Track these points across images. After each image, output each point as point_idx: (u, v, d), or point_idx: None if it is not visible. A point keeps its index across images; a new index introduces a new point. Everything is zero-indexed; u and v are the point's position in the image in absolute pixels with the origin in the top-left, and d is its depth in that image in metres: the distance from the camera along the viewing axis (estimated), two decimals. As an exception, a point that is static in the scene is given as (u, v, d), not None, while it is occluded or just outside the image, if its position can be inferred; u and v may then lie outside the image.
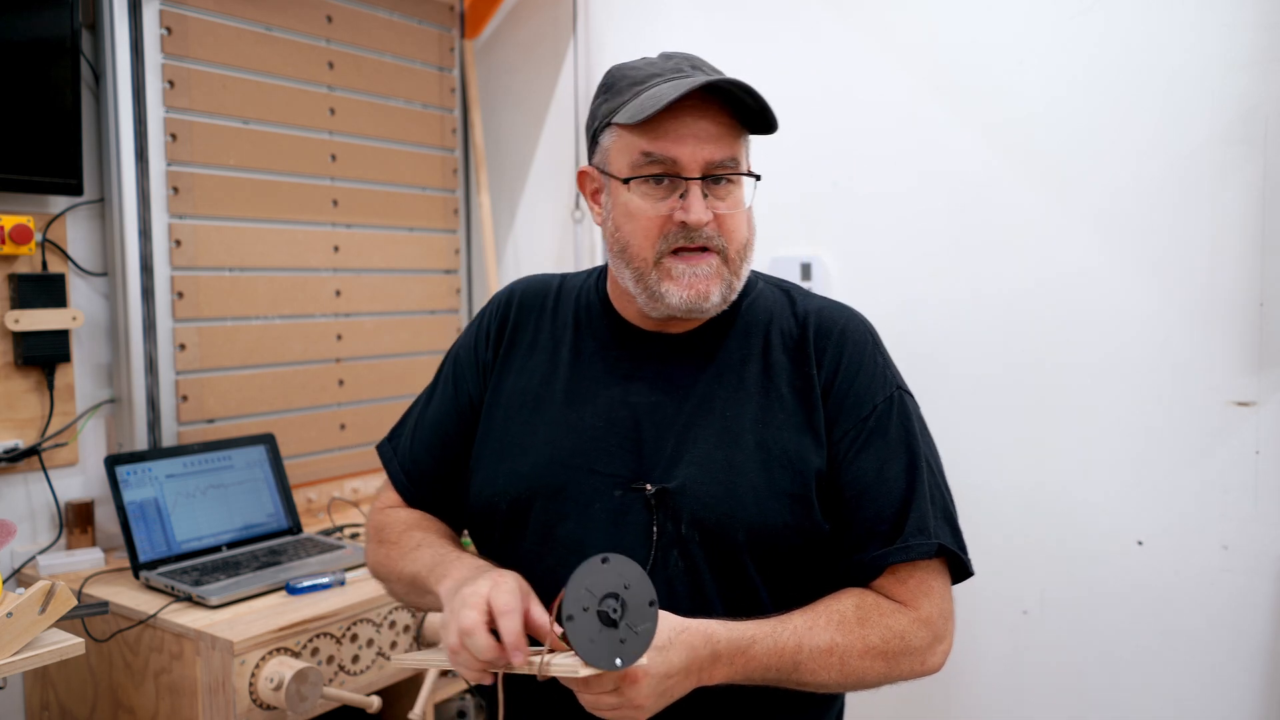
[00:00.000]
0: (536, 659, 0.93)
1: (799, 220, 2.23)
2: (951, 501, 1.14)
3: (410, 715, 1.74)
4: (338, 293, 2.40)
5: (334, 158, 2.38)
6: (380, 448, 1.33)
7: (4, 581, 1.65)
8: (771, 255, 2.25)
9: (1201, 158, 1.77)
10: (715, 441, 1.11)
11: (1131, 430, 1.86)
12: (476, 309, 2.80)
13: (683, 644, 0.96)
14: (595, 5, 2.58)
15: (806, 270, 2.19)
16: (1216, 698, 1.79)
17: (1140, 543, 1.86)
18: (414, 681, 1.83)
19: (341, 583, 1.79)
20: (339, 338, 2.40)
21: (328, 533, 2.12)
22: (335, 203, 2.38)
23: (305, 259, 2.32)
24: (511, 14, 2.76)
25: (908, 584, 1.08)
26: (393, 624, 1.78)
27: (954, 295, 2.03)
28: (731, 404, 1.13)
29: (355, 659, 1.72)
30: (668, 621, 0.97)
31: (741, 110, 1.10)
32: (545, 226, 2.74)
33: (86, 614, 1.48)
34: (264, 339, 2.23)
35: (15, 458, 1.86)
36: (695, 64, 1.13)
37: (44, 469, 1.92)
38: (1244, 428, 1.75)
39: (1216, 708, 1.80)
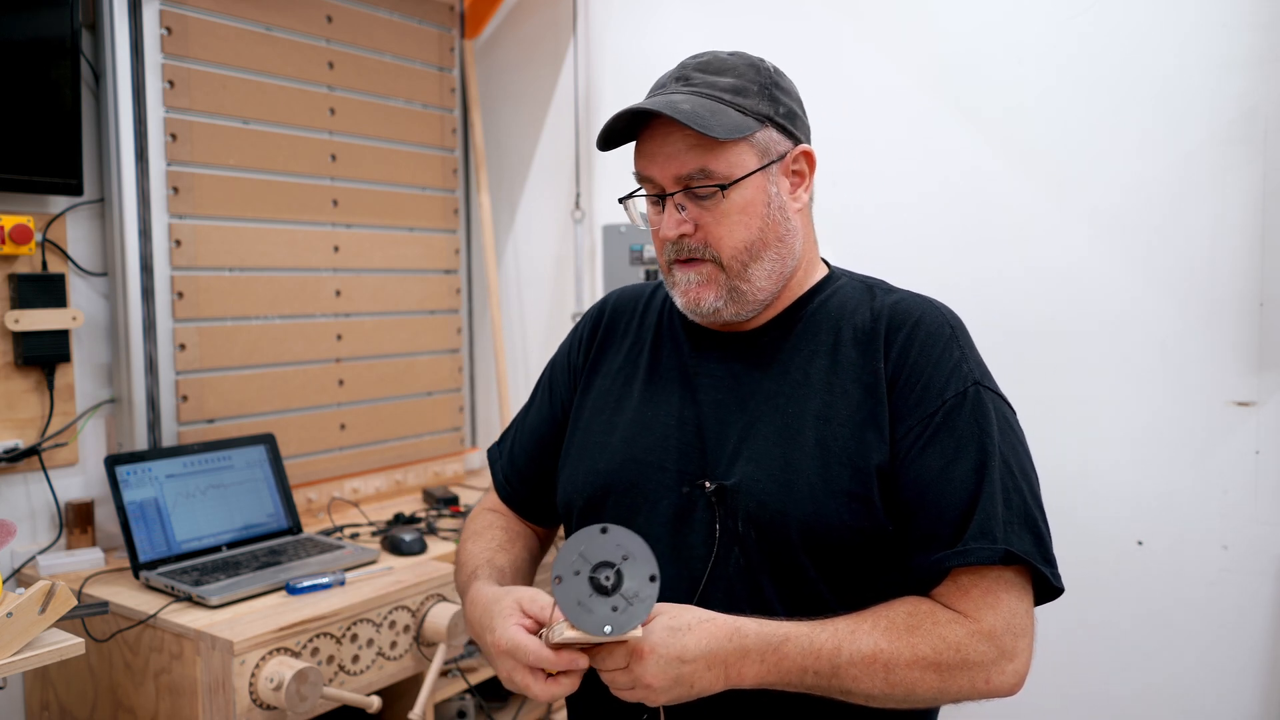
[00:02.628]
0: (545, 632, 0.95)
1: (799, 220, 2.23)
2: (1039, 509, 1.06)
3: (410, 715, 1.74)
4: (338, 293, 2.40)
5: (334, 158, 2.38)
6: (489, 451, 1.40)
7: (4, 581, 1.65)
8: (771, 255, 2.24)
9: (1200, 158, 1.77)
10: (775, 439, 1.09)
11: (1131, 430, 1.86)
12: (477, 309, 2.81)
13: (704, 632, 0.95)
14: (595, 5, 2.59)
15: (806, 270, 2.19)
16: (1217, 697, 1.79)
17: (1140, 543, 1.86)
18: (414, 681, 1.83)
19: (341, 583, 1.79)
20: (339, 338, 2.40)
21: (328, 533, 2.12)
22: (335, 203, 2.38)
23: (305, 259, 2.32)
24: (511, 14, 2.76)
25: (970, 593, 1.01)
26: (393, 624, 1.78)
27: (953, 295, 2.00)
28: (794, 401, 1.11)
29: (355, 659, 1.72)
30: (694, 611, 0.97)
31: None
32: (545, 226, 2.74)
33: (86, 614, 1.48)
34: (264, 339, 2.23)
35: (15, 458, 1.86)
36: (680, 74, 1.12)
37: (44, 469, 1.92)
38: (1244, 428, 1.75)
39: (1216, 707, 1.80)
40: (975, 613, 1.00)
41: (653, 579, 0.91)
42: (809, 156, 1.17)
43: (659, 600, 0.95)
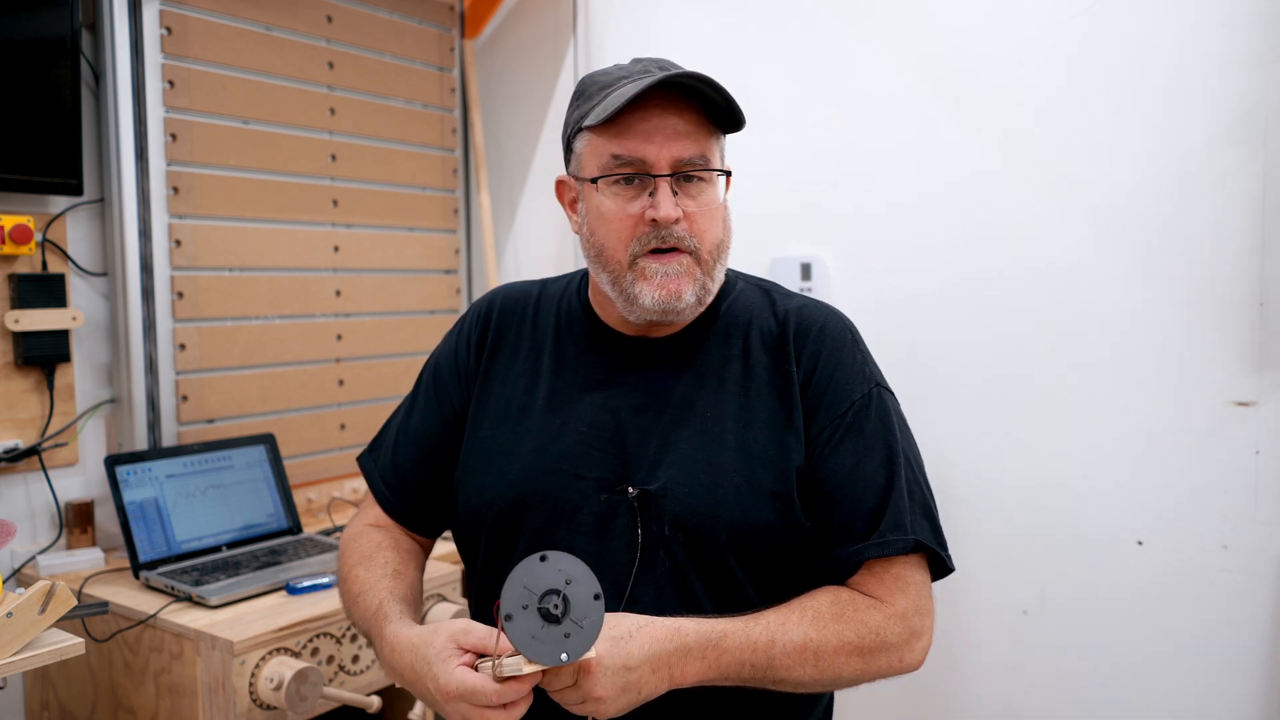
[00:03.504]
0: (488, 664, 0.94)
1: (799, 220, 2.23)
2: (931, 498, 1.14)
3: (410, 715, 1.74)
4: (338, 293, 2.40)
5: (334, 158, 2.38)
6: (361, 459, 1.34)
7: (4, 581, 1.65)
8: (771, 256, 2.24)
9: (1201, 158, 1.77)
10: (696, 443, 1.11)
11: (1131, 430, 1.86)
12: (476, 309, 2.80)
13: (645, 637, 0.96)
14: (595, 5, 2.58)
15: (806, 270, 2.19)
16: (1216, 697, 1.79)
17: (1140, 543, 1.86)
18: (414, 681, 1.83)
19: (341, 583, 1.79)
20: (339, 338, 2.40)
21: (328, 533, 2.12)
22: (335, 203, 2.38)
23: (305, 259, 2.32)
24: (511, 14, 2.76)
25: (883, 580, 1.08)
26: (393, 624, 1.78)
27: (954, 295, 2.03)
28: (712, 405, 1.13)
29: (355, 659, 1.72)
30: (631, 618, 0.98)
31: (711, 108, 1.09)
32: (545, 226, 2.74)
33: (86, 614, 1.48)
34: (264, 339, 2.23)
35: (15, 458, 1.86)
36: (663, 65, 1.12)
37: (44, 469, 1.92)
38: (1244, 428, 1.75)
39: (1216, 708, 1.79)
40: (889, 597, 1.07)
41: (597, 597, 0.91)
42: (729, 180, 1.18)
43: None
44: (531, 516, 1.14)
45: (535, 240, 2.76)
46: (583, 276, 1.27)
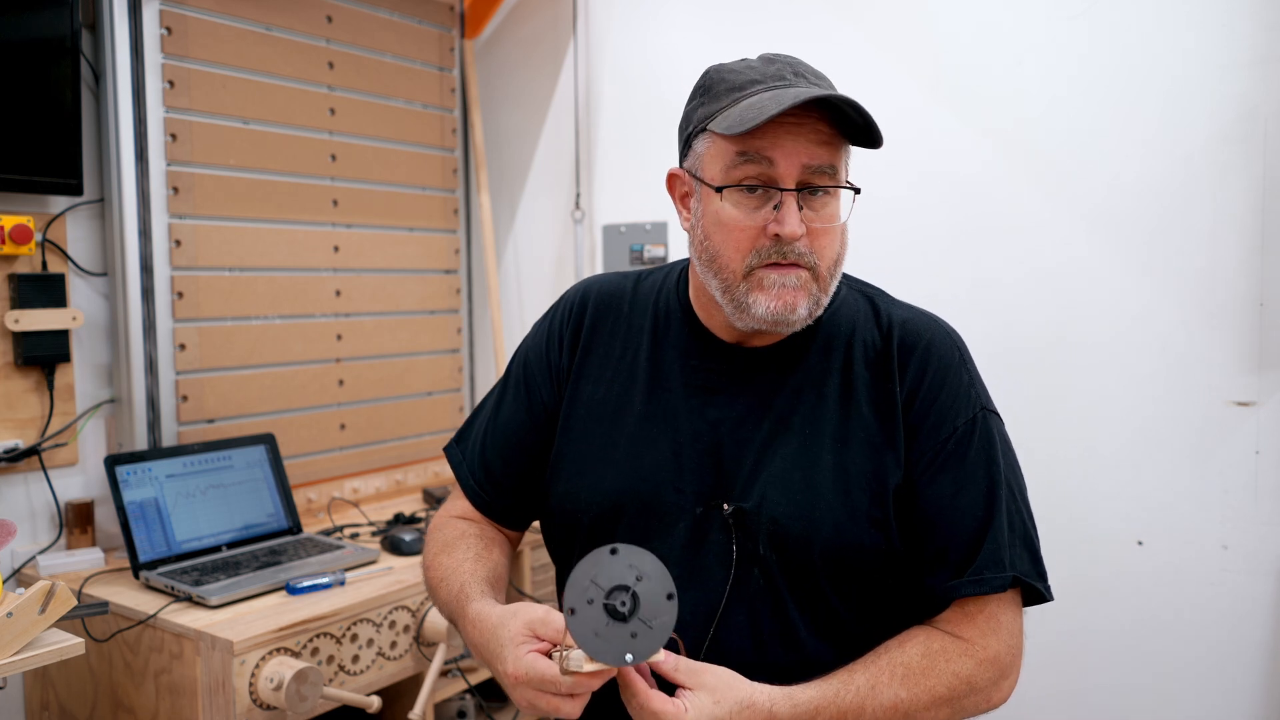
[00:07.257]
0: (557, 655, 0.91)
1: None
2: (1033, 526, 1.10)
3: (410, 715, 1.74)
4: (338, 293, 2.40)
5: (334, 158, 2.38)
6: (448, 450, 1.31)
7: (4, 581, 1.65)
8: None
9: (1201, 158, 1.77)
10: (793, 460, 1.08)
11: (1131, 430, 1.86)
12: (477, 309, 2.80)
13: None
14: (595, 5, 2.59)
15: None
16: (1216, 697, 1.79)
17: (1140, 543, 1.86)
18: (414, 681, 1.83)
19: (341, 583, 1.79)
20: (339, 338, 2.40)
21: (328, 533, 2.12)
22: (335, 203, 2.38)
23: (305, 259, 2.32)
24: (511, 14, 2.76)
25: (975, 620, 1.05)
26: (392, 624, 1.78)
27: (953, 296, 2.03)
28: (810, 421, 1.10)
29: (355, 659, 1.72)
30: (733, 692, 0.95)
31: (843, 120, 1.05)
32: (545, 226, 2.74)
33: (86, 614, 1.48)
34: (264, 339, 2.24)
35: (15, 458, 1.86)
36: (798, 70, 1.08)
37: (44, 469, 1.92)
38: (1244, 428, 1.75)
39: (1217, 708, 1.80)
40: (980, 639, 1.05)
41: (670, 597, 0.86)
42: (855, 197, 1.13)
43: (701, 632, 0.95)
44: (628, 526, 1.12)
45: (535, 240, 2.76)
46: (681, 272, 1.22)
